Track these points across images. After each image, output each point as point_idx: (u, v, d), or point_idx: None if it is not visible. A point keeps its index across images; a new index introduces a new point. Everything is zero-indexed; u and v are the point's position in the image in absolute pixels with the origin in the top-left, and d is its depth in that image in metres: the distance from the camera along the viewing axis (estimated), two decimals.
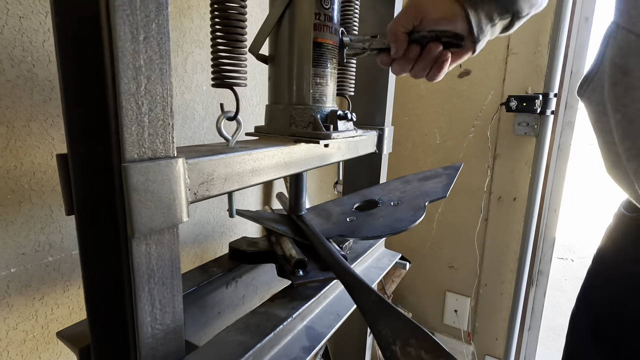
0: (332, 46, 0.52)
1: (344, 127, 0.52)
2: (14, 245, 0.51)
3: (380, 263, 0.72)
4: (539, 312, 1.40)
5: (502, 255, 1.39)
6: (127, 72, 0.28)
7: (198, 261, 0.83)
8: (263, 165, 0.45)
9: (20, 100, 0.49)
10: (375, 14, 0.76)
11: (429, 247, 1.55)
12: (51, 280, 0.56)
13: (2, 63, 0.47)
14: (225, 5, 0.44)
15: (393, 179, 0.71)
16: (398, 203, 0.61)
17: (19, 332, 0.53)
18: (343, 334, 0.97)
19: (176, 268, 0.34)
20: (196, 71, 0.75)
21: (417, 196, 0.61)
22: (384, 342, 0.34)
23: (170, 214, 0.32)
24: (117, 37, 0.27)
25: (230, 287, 0.60)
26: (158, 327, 0.34)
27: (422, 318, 1.62)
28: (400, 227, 0.54)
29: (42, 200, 0.53)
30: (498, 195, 1.37)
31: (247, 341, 0.41)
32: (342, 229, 0.57)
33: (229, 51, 0.45)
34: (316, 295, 0.51)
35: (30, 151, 0.51)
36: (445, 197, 0.61)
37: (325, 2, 0.49)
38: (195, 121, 0.76)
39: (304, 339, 0.47)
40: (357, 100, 0.78)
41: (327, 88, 0.53)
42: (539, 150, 1.24)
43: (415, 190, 0.64)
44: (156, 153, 0.31)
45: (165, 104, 0.31)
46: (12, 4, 0.48)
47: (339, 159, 0.60)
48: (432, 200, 0.60)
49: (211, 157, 0.37)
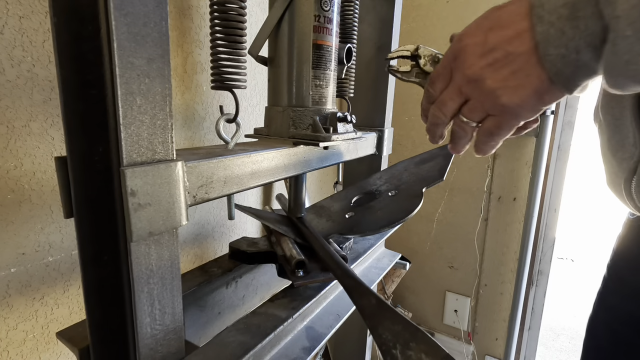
0: (331, 48, 0.52)
1: (343, 129, 0.52)
2: (14, 245, 0.51)
3: (380, 263, 0.72)
4: (539, 312, 1.40)
5: (502, 255, 1.39)
6: (126, 72, 0.28)
7: (198, 261, 0.83)
8: (262, 168, 0.45)
9: (20, 100, 0.49)
10: (375, 15, 0.76)
11: (429, 247, 1.55)
12: (51, 280, 0.56)
13: (2, 63, 0.47)
14: (225, 6, 0.44)
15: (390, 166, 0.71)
16: (396, 192, 0.61)
17: (19, 332, 0.53)
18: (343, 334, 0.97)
19: (176, 268, 0.34)
20: (196, 71, 0.75)
21: (414, 182, 0.61)
22: (384, 347, 0.34)
23: (170, 218, 0.32)
24: (116, 37, 0.27)
25: (230, 288, 0.60)
26: (158, 328, 0.34)
27: (422, 318, 1.63)
28: (398, 219, 0.54)
29: (42, 200, 0.53)
30: (498, 195, 1.37)
31: (247, 341, 0.41)
32: (341, 227, 0.57)
33: (228, 53, 0.45)
34: (316, 296, 0.51)
35: (31, 151, 0.51)
36: (442, 180, 0.60)
37: (324, 4, 0.49)
38: (194, 121, 0.77)
39: (304, 339, 0.47)
40: (357, 102, 0.78)
41: (326, 90, 0.53)
42: (539, 150, 1.24)
43: (412, 177, 0.64)
44: (155, 154, 0.31)
45: (165, 104, 0.31)
46: (12, 4, 0.48)
47: (339, 161, 0.60)
48: (430, 186, 0.59)
49: (210, 160, 0.37)
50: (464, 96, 0.33)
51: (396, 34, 0.77)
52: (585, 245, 3.42)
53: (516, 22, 0.27)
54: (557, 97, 0.29)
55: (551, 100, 0.29)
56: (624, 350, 0.53)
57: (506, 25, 0.28)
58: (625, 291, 0.54)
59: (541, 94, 0.28)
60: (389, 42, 0.76)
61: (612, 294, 0.57)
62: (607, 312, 0.57)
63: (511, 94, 0.29)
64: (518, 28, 0.27)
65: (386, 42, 0.76)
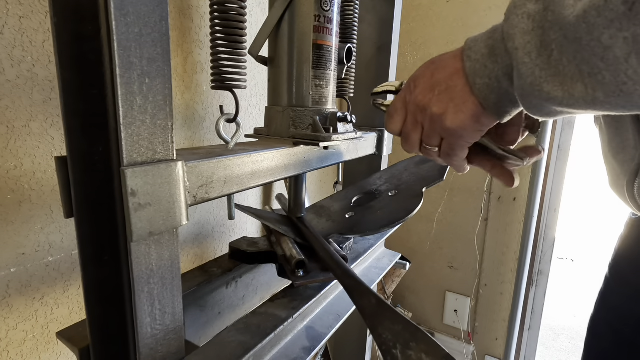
0: (331, 48, 0.52)
1: (343, 129, 0.52)
2: (14, 245, 0.51)
3: (380, 263, 0.72)
4: (539, 312, 1.40)
5: (502, 255, 1.40)
6: (127, 72, 0.28)
7: (198, 261, 0.83)
8: (262, 168, 0.45)
9: (20, 100, 0.49)
10: (375, 14, 0.76)
11: (429, 247, 1.55)
12: (51, 280, 0.56)
13: (2, 63, 0.47)
14: (225, 7, 0.44)
15: (390, 166, 0.71)
16: (396, 192, 0.61)
17: (19, 332, 0.53)
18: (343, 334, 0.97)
19: (176, 268, 0.34)
20: (196, 71, 0.75)
21: (415, 182, 0.61)
22: (384, 347, 0.34)
23: (170, 218, 0.32)
24: (116, 37, 0.27)
25: (230, 287, 0.60)
26: (158, 328, 0.34)
27: (422, 318, 1.63)
28: (398, 219, 0.54)
29: (42, 200, 0.53)
30: (498, 195, 1.37)
31: (247, 341, 0.41)
32: (342, 227, 0.57)
33: (228, 53, 0.45)
34: (316, 296, 0.51)
35: (31, 151, 0.51)
36: (442, 180, 0.60)
37: (324, 4, 0.49)
38: (194, 121, 0.77)
39: (304, 339, 0.47)
40: (357, 102, 0.78)
41: (326, 90, 0.53)
42: None
43: (412, 176, 0.64)
44: (155, 154, 0.31)
45: (165, 104, 0.31)
46: (12, 4, 0.48)
47: (339, 161, 0.60)
48: (430, 186, 0.59)
49: (210, 160, 0.37)
50: (420, 124, 0.39)
51: (396, 34, 0.77)
52: (585, 245, 3.42)
53: (453, 63, 0.35)
54: (492, 121, 0.34)
55: (487, 123, 0.35)
56: (628, 351, 0.53)
57: (446, 66, 0.36)
58: (628, 291, 0.54)
59: (477, 117, 0.34)
60: (389, 42, 0.76)
61: (614, 294, 0.57)
62: (609, 312, 0.57)
63: (453, 118, 0.35)
64: (455, 67, 0.34)
65: (386, 42, 0.76)
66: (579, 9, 0.24)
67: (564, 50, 0.25)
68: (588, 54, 0.24)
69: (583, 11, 0.24)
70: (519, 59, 0.28)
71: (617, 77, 0.23)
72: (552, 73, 0.26)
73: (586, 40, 0.24)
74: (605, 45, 0.23)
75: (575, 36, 0.24)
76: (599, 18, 0.23)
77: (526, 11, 0.27)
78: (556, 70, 0.26)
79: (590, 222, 3.89)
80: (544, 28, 0.26)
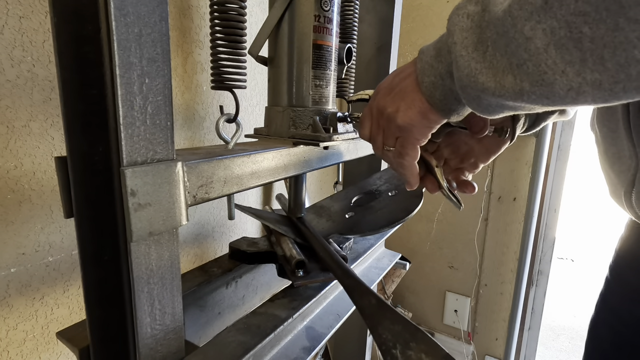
0: (331, 48, 0.52)
1: (343, 129, 0.52)
2: (14, 245, 0.51)
3: (380, 263, 0.72)
4: (539, 312, 1.40)
5: (502, 255, 1.40)
6: (127, 72, 0.28)
7: (198, 261, 0.83)
8: (262, 168, 0.45)
9: (20, 100, 0.49)
10: (375, 14, 0.76)
11: (429, 247, 1.55)
12: (51, 280, 0.56)
13: (2, 63, 0.47)
14: (225, 7, 0.44)
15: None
16: (396, 192, 0.61)
17: (19, 332, 0.53)
18: (343, 334, 0.97)
19: (176, 268, 0.34)
20: (196, 71, 0.75)
21: None
22: (384, 347, 0.34)
23: (170, 218, 0.32)
24: (116, 37, 0.27)
25: (230, 288, 0.60)
26: (158, 328, 0.34)
27: (422, 318, 1.63)
28: (398, 219, 0.54)
29: (42, 200, 0.53)
30: (498, 195, 1.37)
31: (247, 341, 0.41)
32: (342, 227, 0.57)
33: (228, 53, 0.45)
34: (316, 296, 0.51)
35: (31, 151, 0.51)
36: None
37: (324, 4, 0.49)
38: (194, 121, 0.77)
39: (304, 339, 0.47)
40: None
41: (326, 90, 0.53)
42: (539, 150, 1.24)
43: None
44: (155, 154, 0.31)
45: (165, 104, 0.31)
46: (12, 4, 0.48)
47: (339, 161, 0.60)
48: None
49: (210, 160, 0.37)
50: (382, 128, 0.42)
51: (396, 34, 0.77)
52: (585, 245, 3.42)
53: (409, 67, 0.38)
54: (439, 117, 0.37)
55: (435, 119, 0.37)
56: (628, 353, 0.53)
57: (403, 70, 0.39)
58: (628, 293, 0.54)
59: (425, 113, 0.37)
60: (389, 42, 0.76)
61: (614, 296, 0.57)
62: (610, 313, 0.57)
63: (403, 115, 0.38)
64: (409, 70, 0.38)
65: (386, 42, 0.76)
66: (506, 4, 0.26)
67: (497, 46, 0.27)
68: (514, 46, 0.26)
69: (508, 5, 0.26)
70: (457, 52, 0.30)
71: (539, 66, 0.25)
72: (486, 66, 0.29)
73: (512, 32, 0.26)
74: (527, 37, 0.25)
75: (504, 29, 0.26)
76: (521, 11, 0.25)
77: (466, 12, 0.30)
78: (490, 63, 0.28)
79: (590, 222, 3.89)
80: (481, 27, 0.29)
